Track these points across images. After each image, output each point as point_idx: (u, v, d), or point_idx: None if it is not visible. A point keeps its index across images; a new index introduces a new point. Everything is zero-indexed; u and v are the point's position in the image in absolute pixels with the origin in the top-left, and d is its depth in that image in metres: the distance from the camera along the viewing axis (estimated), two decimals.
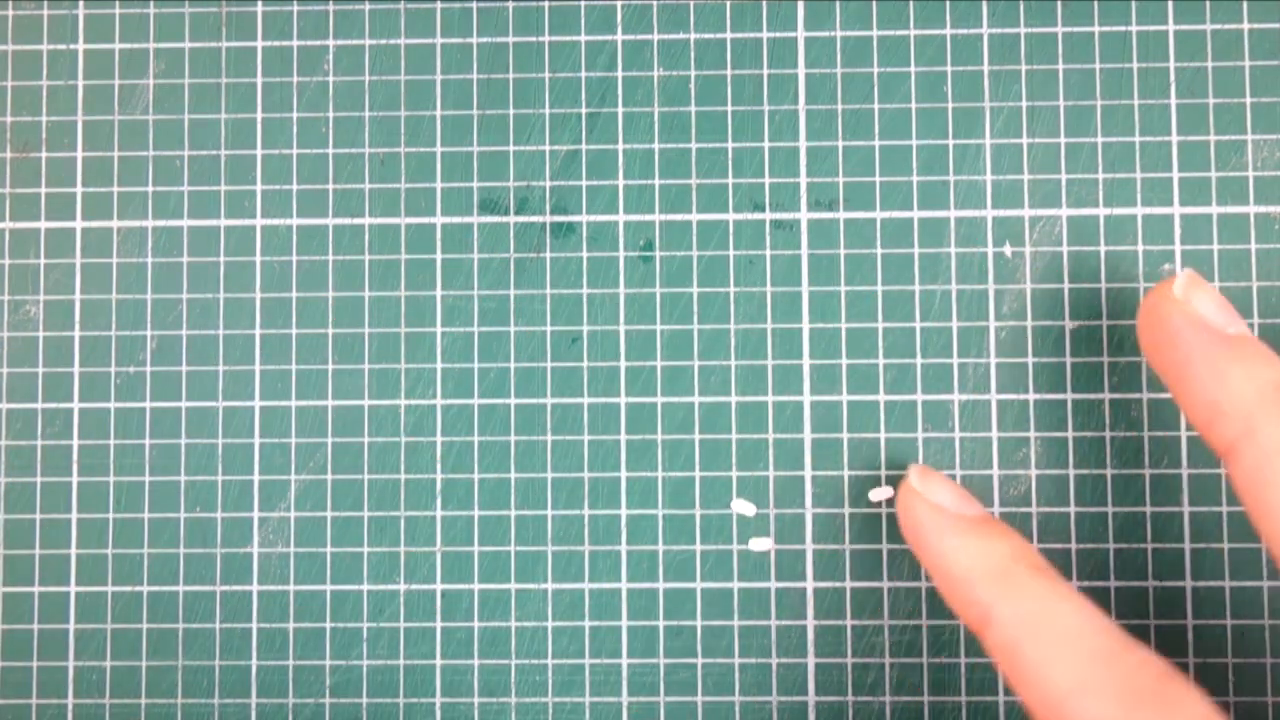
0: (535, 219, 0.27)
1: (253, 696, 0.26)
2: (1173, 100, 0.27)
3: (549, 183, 0.27)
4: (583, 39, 0.27)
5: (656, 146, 0.27)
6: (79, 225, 0.27)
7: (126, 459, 0.27)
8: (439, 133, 0.27)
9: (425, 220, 0.27)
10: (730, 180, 0.27)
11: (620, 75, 0.27)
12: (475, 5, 0.27)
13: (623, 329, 0.27)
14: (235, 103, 0.28)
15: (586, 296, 0.27)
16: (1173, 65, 0.27)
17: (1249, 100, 0.27)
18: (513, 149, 0.27)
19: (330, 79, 0.27)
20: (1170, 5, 0.27)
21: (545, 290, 0.27)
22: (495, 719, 0.26)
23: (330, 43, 0.28)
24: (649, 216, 0.27)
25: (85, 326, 0.27)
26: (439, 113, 0.27)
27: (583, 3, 0.27)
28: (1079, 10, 0.27)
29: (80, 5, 0.28)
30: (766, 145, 0.27)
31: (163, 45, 0.28)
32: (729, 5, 0.27)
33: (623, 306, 0.27)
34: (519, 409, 0.27)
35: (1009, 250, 0.27)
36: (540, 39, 0.27)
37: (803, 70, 0.27)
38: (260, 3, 0.28)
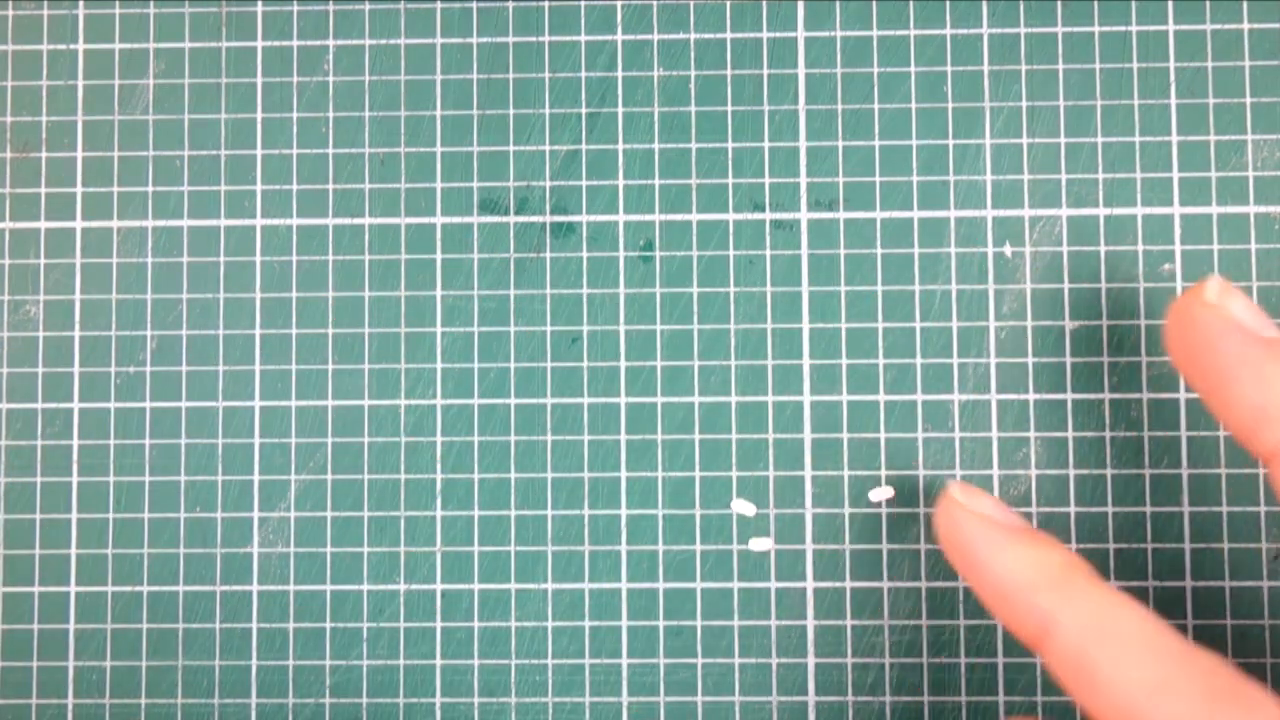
0: (535, 219, 0.27)
1: (253, 696, 0.26)
2: (1173, 100, 0.27)
3: (549, 183, 0.27)
4: (583, 39, 0.27)
5: (656, 146, 0.27)
6: (79, 225, 0.27)
7: (126, 459, 0.27)
8: (439, 133, 0.27)
9: (425, 220, 0.27)
10: (730, 180, 0.27)
11: (620, 75, 0.27)
12: (475, 5, 0.27)
13: (623, 329, 0.27)
14: (235, 103, 0.28)
15: (586, 296, 0.27)
16: (1173, 65, 0.27)
17: (1249, 100, 0.27)
18: (513, 149, 0.27)
19: (330, 79, 0.27)
20: (1170, 5, 0.27)
21: (545, 290, 0.27)
22: (495, 719, 0.26)
23: (330, 43, 0.28)
24: (649, 216, 0.27)
25: (85, 326, 0.27)
26: (439, 113, 0.27)
27: (583, 3, 0.27)
28: (1079, 10, 0.27)
29: (80, 5, 0.28)
30: (766, 145, 0.27)
31: (163, 45, 0.28)
32: (729, 5, 0.27)
33: (623, 306, 0.27)
34: (519, 409, 0.27)
35: (1009, 250, 0.27)
36: (540, 39, 0.27)
37: (803, 70, 0.27)
38: (260, 3, 0.28)
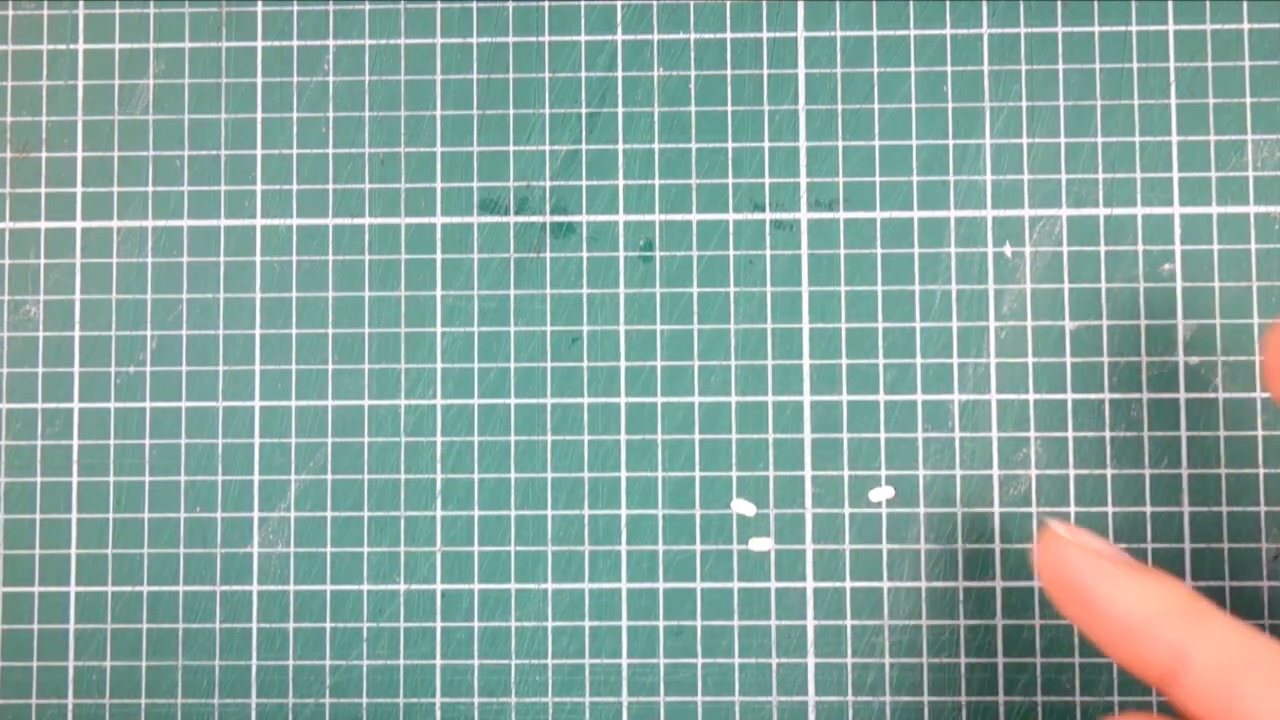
0: (535, 219, 0.27)
1: (253, 696, 0.26)
2: (1173, 100, 0.27)
3: (549, 183, 0.27)
4: (583, 39, 0.27)
5: (656, 146, 0.27)
6: (79, 225, 0.27)
7: (126, 459, 0.27)
8: (439, 133, 0.27)
9: (425, 220, 0.27)
10: (730, 180, 0.27)
11: (620, 75, 0.27)
12: (475, 5, 0.27)
13: (623, 329, 0.27)
14: (235, 103, 0.28)
15: (586, 296, 0.27)
16: (1173, 65, 0.27)
17: (1249, 100, 0.27)
18: (513, 149, 0.27)
19: (330, 79, 0.27)
20: (1170, 5, 0.27)
21: (545, 290, 0.27)
22: (495, 719, 0.26)
23: (330, 43, 0.28)
24: (649, 216, 0.27)
25: (85, 326, 0.27)
26: (439, 113, 0.27)
27: (583, 3, 0.27)
28: (1079, 10, 0.27)
29: (80, 5, 0.28)
30: (766, 145, 0.27)
31: (163, 45, 0.28)
32: (729, 5, 0.27)
33: (623, 306, 0.27)
34: (519, 409, 0.27)
35: (1009, 250, 0.27)
36: (540, 39, 0.27)
37: (803, 70, 0.27)
38: (260, 3, 0.28)
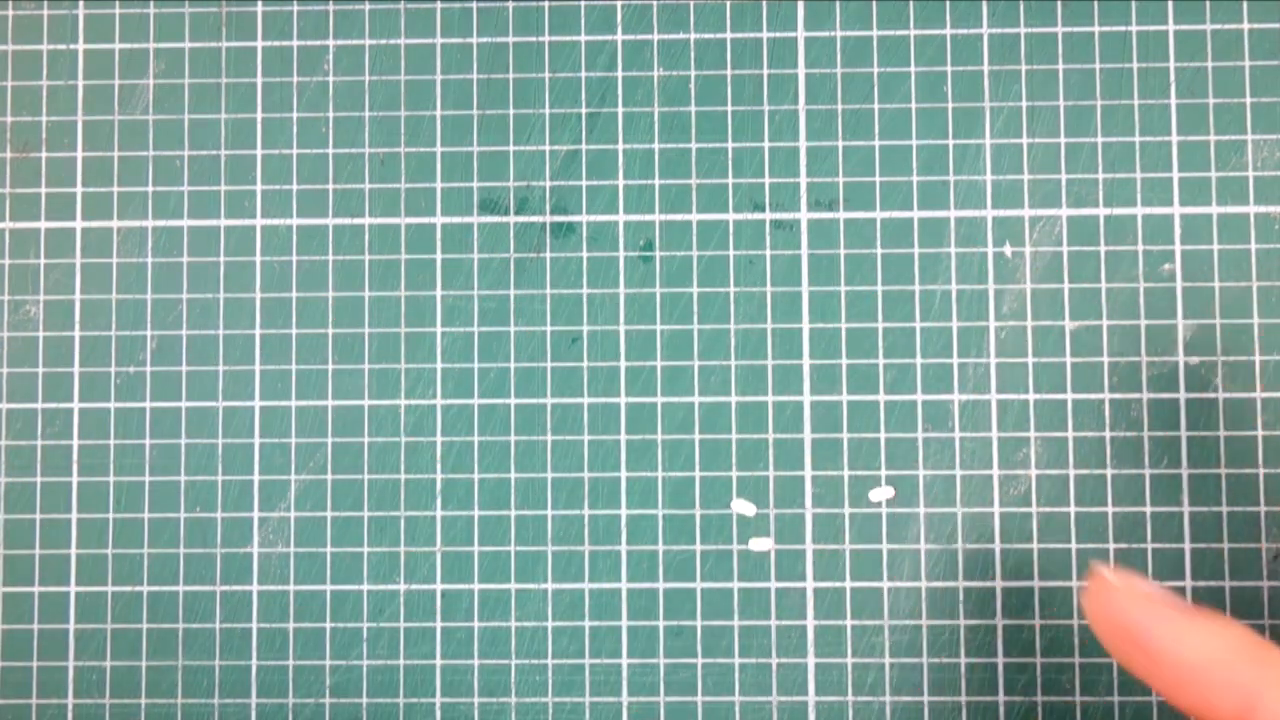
0: (535, 219, 0.27)
1: (253, 696, 0.26)
2: (1173, 100, 0.27)
3: (549, 183, 0.27)
4: (583, 39, 0.27)
5: (656, 146, 0.27)
6: (79, 225, 0.27)
7: (126, 459, 0.27)
8: (439, 133, 0.27)
9: (425, 220, 0.27)
10: (730, 180, 0.27)
11: (620, 75, 0.27)
12: (475, 5, 0.27)
13: (623, 329, 0.27)
14: (235, 103, 0.28)
15: (586, 296, 0.27)
16: (1173, 65, 0.27)
17: (1249, 100, 0.27)
18: (513, 149, 0.27)
19: (330, 79, 0.27)
20: (1170, 5, 0.27)
21: (545, 290, 0.27)
22: (495, 719, 0.26)
23: (330, 43, 0.28)
24: (649, 216, 0.27)
25: (85, 326, 0.27)
26: (439, 113, 0.27)
27: (583, 3, 0.27)
28: (1079, 10, 0.27)
29: (80, 5, 0.28)
30: (766, 145, 0.27)
31: (163, 45, 0.28)
32: (729, 5, 0.27)
33: (623, 306, 0.27)
34: (519, 409, 0.27)
35: (1009, 250, 0.27)
36: (540, 39, 0.27)
37: (803, 70, 0.27)
38: (260, 3, 0.28)
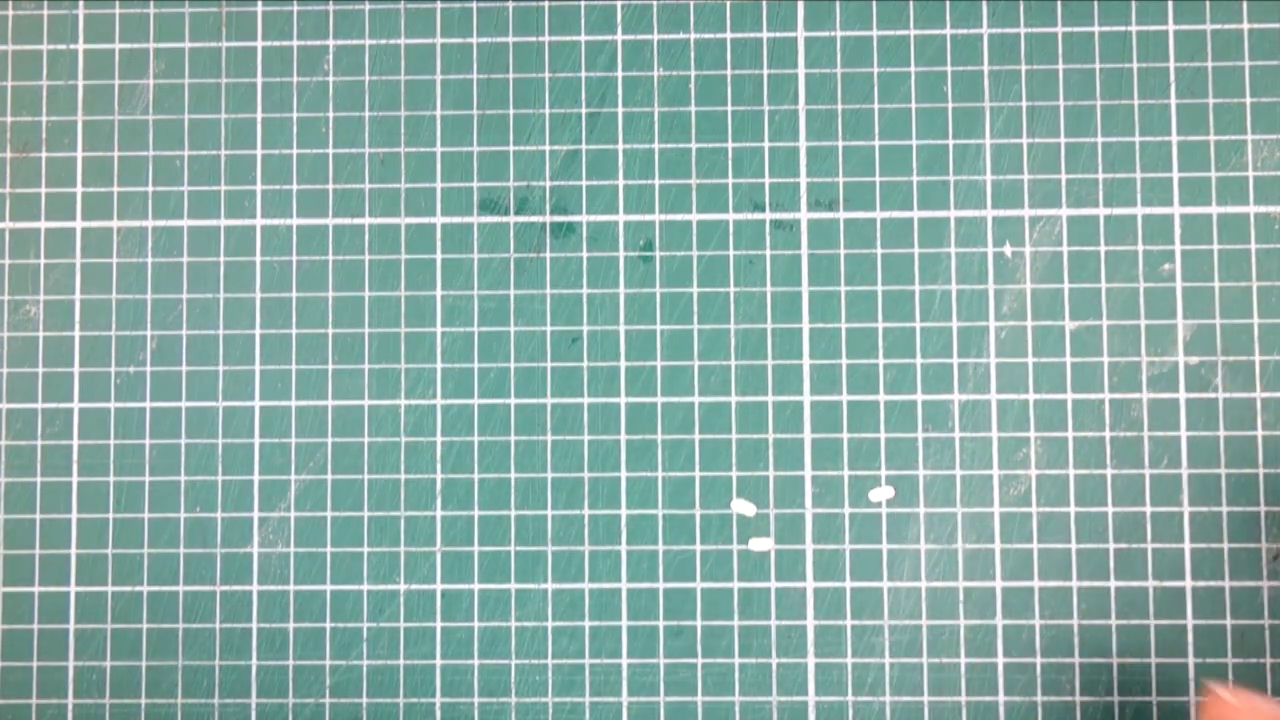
0: (535, 219, 0.27)
1: (253, 696, 0.26)
2: (1173, 100, 0.27)
3: (549, 183, 0.27)
4: (583, 39, 0.27)
5: (656, 146, 0.27)
6: (79, 225, 0.27)
7: (126, 459, 0.27)
8: (439, 133, 0.27)
9: (425, 220, 0.27)
10: (730, 180, 0.27)
11: (620, 75, 0.27)
12: (475, 5, 0.27)
13: (623, 329, 0.27)
14: (235, 103, 0.28)
15: (586, 296, 0.27)
16: (1173, 65, 0.27)
17: (1249, 100, 0.27)
18: (513, 149, 0.27)
19: (330, 79, 0.27)
20: (1170, 5, 0.27)
21: (545, 290, 0.27)
22: (495, 719, 0.26)
23: (330, 43, 0.28)
24: (649, 216, 0.27)
25: (85, 326, 0.27)
26: (439, 113, 0.27)
27: (583, 3, 0.27)
28: (1079, 10, 0.27)
29: (80, 5, 0.28)
30: (766, 145, 0.27)
31: (163, 45, 0.28)
32: (729, 5, 0.27)
33: (623, 306, 0.27)
34: (519, 409, 0.27)
35: (1009, 250, 0.27)
36: (540, 39, 0.27)
37: (803, 70, 0.27)
38: (260, 3, 0.28)
